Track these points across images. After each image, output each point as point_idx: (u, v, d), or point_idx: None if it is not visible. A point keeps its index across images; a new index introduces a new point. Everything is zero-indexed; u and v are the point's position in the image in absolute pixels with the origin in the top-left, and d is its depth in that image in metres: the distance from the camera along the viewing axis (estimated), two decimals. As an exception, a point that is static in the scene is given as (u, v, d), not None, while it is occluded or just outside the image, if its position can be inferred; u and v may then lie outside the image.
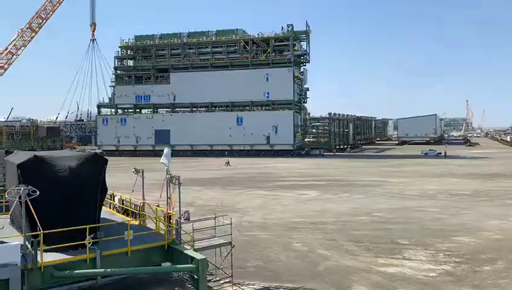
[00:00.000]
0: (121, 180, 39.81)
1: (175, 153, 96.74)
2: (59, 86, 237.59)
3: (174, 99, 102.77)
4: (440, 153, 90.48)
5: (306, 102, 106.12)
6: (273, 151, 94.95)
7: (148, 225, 17.86)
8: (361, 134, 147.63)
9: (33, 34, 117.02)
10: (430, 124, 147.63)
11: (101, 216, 16.09)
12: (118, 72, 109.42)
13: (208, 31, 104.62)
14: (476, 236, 23.64)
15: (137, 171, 18.68)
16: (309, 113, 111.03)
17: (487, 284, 16.47)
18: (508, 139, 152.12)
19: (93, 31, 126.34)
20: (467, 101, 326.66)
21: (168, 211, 16.05)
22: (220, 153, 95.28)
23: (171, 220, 15.92)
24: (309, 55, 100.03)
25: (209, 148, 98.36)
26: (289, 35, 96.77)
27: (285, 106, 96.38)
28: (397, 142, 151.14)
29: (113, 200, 21.07)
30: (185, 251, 14.91)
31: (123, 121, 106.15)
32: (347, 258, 19.98)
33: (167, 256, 15.46)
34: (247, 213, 30.70)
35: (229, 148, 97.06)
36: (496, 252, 20.50)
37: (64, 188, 14.48)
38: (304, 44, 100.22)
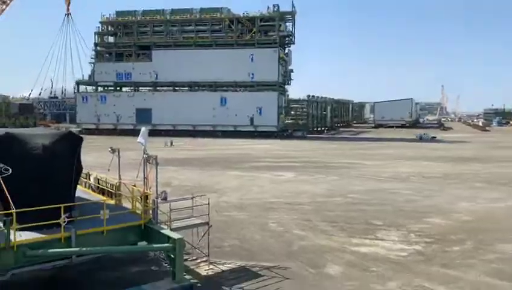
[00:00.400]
0: (97, 159, 39.22)
1: (157, 133, 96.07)
2: (33, 62, 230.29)
3: (156, 78, 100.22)
4: (435, 137, 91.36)
5: (290, 84, 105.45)
6: (256, 132, 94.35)
7: (124, 205, 17.72)
8: (339, 117, 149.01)
9: (3, 6, 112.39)
10: (405, 108, 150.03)
11: (76, 195, 15.88)
12: (98, 48, 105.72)
13: (192, 9, 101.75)
14: (446, 217, 24.41)
15: (113, 150, 18.41)
16: (288, 95, 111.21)
17: (455, 264, 17.10)
18: (480, 124, 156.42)
19: (68, 5, 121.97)
20: (442, 86, 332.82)
21: (145, 190, 15.95)
22: (204, 134, 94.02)
23: (148, 200, 15.83)
24: (294, 36, 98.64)
25: (192, 129, 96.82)
26: (275, 15, 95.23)
27: (270, 87, 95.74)
28: (373, 125, 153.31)
29: (89, 179, 20.77)
30: (162, 231, 14.91)
31: (103, 99, 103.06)
32: (322, 238, 20.38)
33: (144, 236, 15.41)
34: (225, 194, 30.82)
35: (212, 129, 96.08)
36: (465, 233, 21.24)
37: (37, 166, 14.17)
38: (289, 25, 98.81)
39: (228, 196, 29.95)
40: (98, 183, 20.01)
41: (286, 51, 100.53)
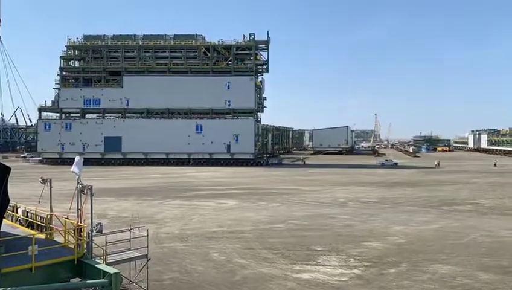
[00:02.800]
0: (29, 190, 36.83)
1: (126, 162, 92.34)
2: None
3: (127, 104, 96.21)
4: (396, 164, 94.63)
5: (263, 111, 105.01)
6: (233, 160, 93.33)
7: (56, 239, 16.64)
8: (280, 144, 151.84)
9: None
10: (342, 135, 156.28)
11: (2, 230, 14.72)
12: (64, 73, 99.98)
13: (165, 35, 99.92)
14: (382, 241, 25.32)
15: (44, 180, 17.37)
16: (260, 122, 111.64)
17: (392, 286, 17.68)
18: (411, 150, 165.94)
19: None
20: (375, 114, 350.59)
21: (79, 223, 15.11)
22: (177, 162, 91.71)
23: (82, 233, 14.99)
24: (268, 64, 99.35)
25: (165, 157, 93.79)
26: (251, 44, 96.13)
27: (246, 114, 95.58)
28: (312, 151, 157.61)
29: (16, 212, 19.35)
30: (97, 265, 14.11)
31: (68, 126, 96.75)
32: (264, 266, 20.30)
33: (77, 271, 14.49)
34: (165, 224, 29.96)
35: (187, 157, 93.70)
36: (400, 256, 22.12)
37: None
38: (264, 54, 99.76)
39: (168, 227, 29.14)
40: (27, 216, 18.70)
41: (260, 79, 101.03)
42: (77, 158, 16.77)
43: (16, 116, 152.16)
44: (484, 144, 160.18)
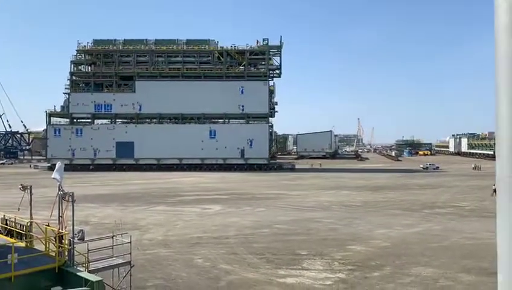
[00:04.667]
0: (8, 198, 36.08)
1: (138, 167, 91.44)
2: None
3: (140, 109, 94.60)
4: (438, 167, 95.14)
5: (274, 116, 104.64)
6: (246, 165, 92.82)
7: (36, 247, 16.32)
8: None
9: None
10: (326, 139, 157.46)
11: (-21, 239, 14.35)
12: (74, 78, 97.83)
13: (177, 40, 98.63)
14: (366, 244, 25.51)
15: (24, 187, 17.04)
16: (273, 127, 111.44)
17: (376, 289, 17.80)
18: (393, 154, 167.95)
19: None
20: (358, 119, 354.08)
21: (60, 230, 14.85)
22: (190, 167, 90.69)
23: (63, 240, 14.73)
24: (281, 69, 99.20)
25: (178, 162, 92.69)
26: (264, 49, 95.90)
27: (260, 119, 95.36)
28: (296, 156, 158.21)
29: (-5, 220, 18.90)
30: (79, 273, 13.87)
31: (79, 132, 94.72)
32: (249, 271, 20.24)
33: (58, 280, 14.22)
34: (148, 230, 29.66)
35: (200, 162, 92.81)
36: (384, 259, 22.31)
37: None
38: (276, 58, 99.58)
39: (152, 233, 28.85)
40: (6, 224, 18.30)
41: (272, 84, 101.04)
42: (58, 164, 16.52)
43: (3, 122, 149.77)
44: (464, 148, 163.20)
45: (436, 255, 22.88)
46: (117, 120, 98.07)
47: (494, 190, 41.29)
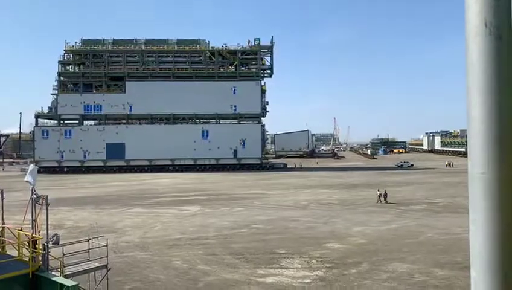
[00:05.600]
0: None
1: (129, 169, 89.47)
2: None
3: (131, 110, 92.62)
4: (412, 165, 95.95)
5: (265, 116, 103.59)
6: (239, 165, 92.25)
7: (9, 252, 15.88)
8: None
9: None
10: (303, 138, 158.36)
11: None
12: (62, 78, 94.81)
13: (168, 40, 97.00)
14: (343, 242, 25.83)
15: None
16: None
17: (353, 286, 18.05)
18: (369, 153, 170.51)
19: None
20: (334, 118, 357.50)
21: (33, 234, 14.48)
22: (181, 168, 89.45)
23: (37, 245, 14.37)
24: (272, 69, 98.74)
25: (171, 163, 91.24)
26: (256, 49, 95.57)
27: (252, 119, 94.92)
28: (274, 155, 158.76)
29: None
30: (53, 278, 13.57)
31: (68, 134, 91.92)
32: (228, 272, 20.20)
33: (32, 285, 13.87)
34: (125, 233, 29.25)
35: (193, 163, 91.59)
36: (361, 256, 22.63)
37: None
38: (267, 58, 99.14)
39: (129, 235, 28.47)
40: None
41: (263, 83, 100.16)
42: (31, 167, 16.14)
43: None
44: (438, 146, 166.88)
45: (411, 251, 23.36)
46: (107, 121, 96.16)
47: (380, 195, 41.84)
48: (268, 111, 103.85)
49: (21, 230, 15.25)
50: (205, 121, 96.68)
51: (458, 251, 22.99)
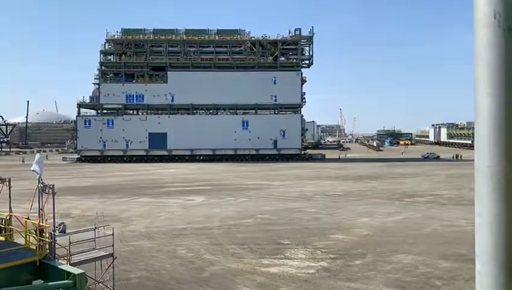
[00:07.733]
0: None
1: (171, 158, 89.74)
2: None
3: (172, 100, 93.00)
4: (439, 156, 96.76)
5: (303, 106, 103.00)
6: (278, 155, 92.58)
7: (16, 241, 16.06)
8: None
9: None
10: (309, 130, 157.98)
11: (-43, 233, 14.06)
12: (104, 68, 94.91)
13: (208, 30, 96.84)
14: (348, 233, 25.87)
15: (2, 180, 16.70)
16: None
17: (358, 277, 18.11)
18: (375, 144, 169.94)
19: None
20: (340, 109, 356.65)
21: (40, 223, 14.63)
22: (222, 158, 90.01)
23: (44, 234, 14.52)
24: (312, 59, 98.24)
25: (212, 153, 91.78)
26: (297, 39, 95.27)
27: (292, 110, 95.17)
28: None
29: (-28, 214, 18.51)
30: (60, 266, 13.73)
31: (110, 123, 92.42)
32: (232, 261, 20.33)
33: (39, 273, 14.05)
34: (131, 222, 29.48)
35: (233, 153, 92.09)
36: (365, 247, 22.67)
37: None
38: (307, 48, 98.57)
39: (134, 225, 28.69)
40: (-16, 218, 17.92)
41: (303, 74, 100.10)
42: (37, 156, 16.23)
43: None
44: (444, 138, 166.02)
45: (416, 243, 23.37)
46: (149, 111, 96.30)
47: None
48: (305, 101, 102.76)
49: (28, 219, 15.41)
50: (245, 111, 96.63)
51: (462, 243, 22.94)
